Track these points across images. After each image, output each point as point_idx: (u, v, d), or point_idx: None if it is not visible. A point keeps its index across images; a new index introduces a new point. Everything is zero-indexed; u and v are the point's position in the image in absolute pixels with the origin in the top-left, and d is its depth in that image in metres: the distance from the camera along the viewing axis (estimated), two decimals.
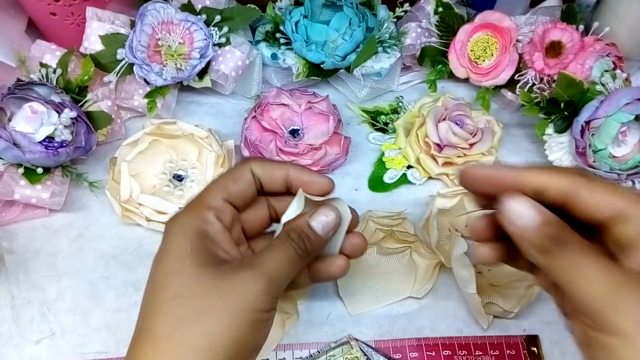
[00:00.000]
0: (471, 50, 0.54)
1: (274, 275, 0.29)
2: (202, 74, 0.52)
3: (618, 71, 0.50)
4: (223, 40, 0.52)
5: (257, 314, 0.28)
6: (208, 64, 0.51)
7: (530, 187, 0.27)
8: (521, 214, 0.26)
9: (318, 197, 0.33)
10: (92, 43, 0.49)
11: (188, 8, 0.51)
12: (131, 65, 0.50)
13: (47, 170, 0.46)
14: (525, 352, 0.42)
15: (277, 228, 0.33)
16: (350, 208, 0.34)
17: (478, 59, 0.54)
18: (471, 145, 0.49)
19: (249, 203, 0.34)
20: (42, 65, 0.48)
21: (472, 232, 0.31)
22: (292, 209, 0.33)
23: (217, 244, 0.31)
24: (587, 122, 0.48)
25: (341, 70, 0.54)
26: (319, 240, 0.32)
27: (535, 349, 0.42)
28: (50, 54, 0.48)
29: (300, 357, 0.40)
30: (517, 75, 0.54)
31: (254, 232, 0.35)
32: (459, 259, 0.41)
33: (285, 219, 0.33)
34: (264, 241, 0.36)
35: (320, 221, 0.32)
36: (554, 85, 0.50)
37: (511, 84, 0.54)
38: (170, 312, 0.28)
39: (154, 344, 0.27)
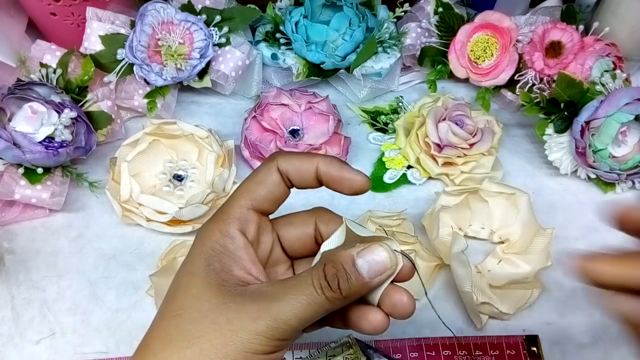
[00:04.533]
0: (471, 51, 0.54)
1: (283, 317, 0.25)
2: (202, 74, 0.52)
3: (618, 71, 0.50)
4: (223, 40, 0.52)
5: (252, 356, 0.25)
6: (208, 64, 0.51)
7: None
8: None
9: (368, 232, 0.27)
10: (92, 43, 0.49)
11: (188, 8, 0.51)
12: (131, 65, 0.50)
13: (47, 170, 0.46)
14: (525, 352, 0.42)
15: (317, 257, 0.28)
16: (405, 255, 0.28)
17: (478, 59, 0.54)
18: (471, 145, 0.49)
19: (281, 203, 0.30)
20: (42, 65, 0.48)
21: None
22: (335, 238, 0.27)
23: (237, 262, 0.27)
24: (587, 122, 0.48)
25: (341, 70, 0.54)
26: (361, 284, 0.26)
27: (535, 349, 0.42)
28: (50, 54, 0.48)
29: (300, 357, 0.40)
30: (517, 75, 0.54)
31: (296, 252, 0.31)
32: (457, 256, 0.41)
33: (324, 248, 0.27)
34: (308, 266, 0.30)
35: (369, 261, 0.26)
36: (554, 85, 0.50)
37: (511, 84, 0.54)
38: (165, 330, 0.26)
39: (145, 357, 0.26)
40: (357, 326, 0.28)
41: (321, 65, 0.53)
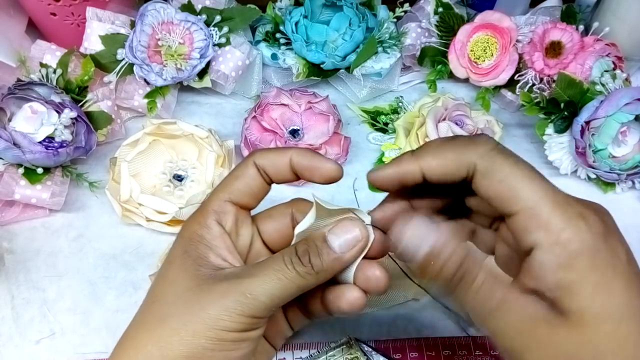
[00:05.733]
0: (471, 51, 0.54)
1: (253, 292, 0.25)
2: (202, 74, 0.52)
3: (618, 71, 0.50)
4: (223, 40, 0.52)
5: (220, 332, 0.25)
6: (208, 64, 0.51)
7: (435, 177, 0.26)
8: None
9: (335, 205, 0.28)
10: (92, 43, 0.49)
11: (188, 8, 0.51)
12: (131, 65, 0.50)
13: (47, 170, 0.46)
14: None
15: (293, 242, 0.29)
16: (376, 228, 0.28)
17: (478, 59, 0.54)
18: None
19: (260, 198, 0.31)
20: (42, 65, 0.48)
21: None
22: (308, 218, 0.28)
23: (213, 250, 0.28)
24: (587, 122, 0.48)
25: (341, 70, 0.54)
26: (333, 258, 0.27)
27: None
28: (50, 54, 0.48)
29: (300, 357, 0.40)
30: (517, 75, 0.54)
31: (276, 245, 0.32)
32: None
33: (298, 229, 0.29)
34: None
35: (339, 235, 0.27)
36: (554, 85, 0.50)
37: (511, 84, 0.54)
38: (142, 316, 0.27)
39: (120, 345, 0.27)
40: (335, 306, 0.29)
41: (321, 65, 0.53)
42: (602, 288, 0.22)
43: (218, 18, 0.51)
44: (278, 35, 0.55)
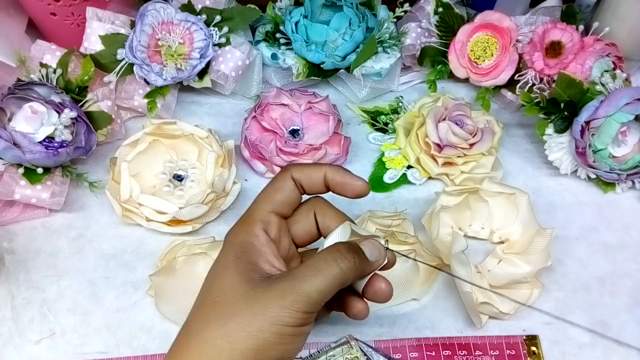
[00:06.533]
0: (471, 51, 0.54)
1: (306, 290, 0.29)
2: (202, 74, 0.52)
3: (618, 71, 0.50)
4: (223, 40, 0.52)
5: (281, 327, 0.28)
6: (208, 64, 0.51)
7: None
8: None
9: (364, 231, 0.34)
10: (92, 43, 0.49)
11: (188, 8, 0.51)
12: (131, 65, 0.50)
13: (47, 170, 0.46)
14: (525, 352, 0.42)
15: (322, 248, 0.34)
16: (388, 249, 0.34)
17: (478, 59, 0.54)
18: (471, 145, 0.49)
19: (295, 207, 0.35)
20: (42, 65, 0.48)
21: None
22: (335, 235, 0.33)
23: (262, 256, 0.32)
24: (587, 122, 0.48)
25: (341, 70, 0.54)
26: (366, 263, 0.32)
27: (535, 349, 0.42)
28: (50, 54, 0.48)
29: (300, 357, 0.40)
30: (517, 75, 0.54)
31: (304, 243, 0.36)
32: (457, 256, 0.41)
33: (327, 244, 0.33)
34: None
35: (369, 247, 0.32)
36: (554, 85, 0.50)
37: (511, 84, 0.54)
38: (204, 314, 0.30)
39: (186, 339, 0.30)
40: (347, 310, 0.35)
41: (321, 65, 0.53)
42: None
43: (218, 18, 0.51)
44: (278, 35, 0.55)
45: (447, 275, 0.45)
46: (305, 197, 0.36)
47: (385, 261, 0.34)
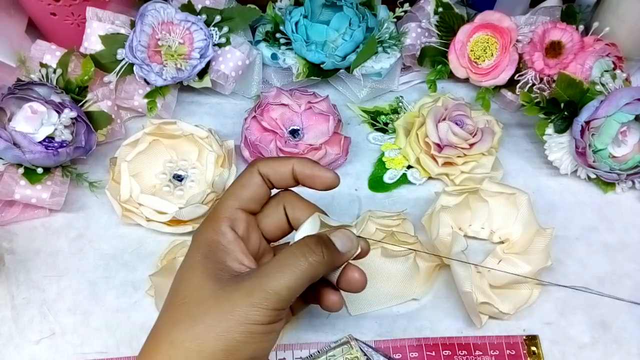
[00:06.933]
0: (471, 51, 0.54)
1: (274, 287, 0.28)
2: (202, 74, 0.52)
3: (618, 71, 0.50)
4: (223, 40, 0.52)
5: (250, 326, 0.28)
6: (208, 64, 0.51)
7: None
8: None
9: (335, 221, 0.33)
10: (92, 43, 0.49)
11: (188, 8, 0.51)
12: (131, 65, 0.50)
13: (47, 170, 0.46)
14: (525, 352, 0.42)
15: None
16: (362, 238, 0.33)
17: (478, 59, 0.54)
18: (471, 145, 0.49)
19: (264, 202, 0.35)
20: (42, 65, 0.48)
21: None
22: (305, 228, 0.32)
23: (230, 254, 0.31)
24: (587, 122, 0.48)
25: (341, 70, 0.54)
26: (337, 254, 0.31)
27: (535, 349, 0.42)
28: (50, 54, 0.48)
29: (300, 357, 0.40)
30: (517, 75, 0.54)
31: (276, 238, 0.36)
32: (457, 256, 0.41)
33: (299, 235, 0.32)
34: None
35: (341, 238, 0.32)
36: (554, 85, 0.50)
37: (511, 84, 0.54)
38: (172, 316, 0.30)
39: (154, 342, 0.29)
40: (322, 302, 0.34)
41: (321, 65, 0.53)
42: None
43: (218, 18, 0.51)
44: (278, 35, 0.55)
45: (447, 275, 0.45)
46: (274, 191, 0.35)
47: (359, 250, 0.33)
